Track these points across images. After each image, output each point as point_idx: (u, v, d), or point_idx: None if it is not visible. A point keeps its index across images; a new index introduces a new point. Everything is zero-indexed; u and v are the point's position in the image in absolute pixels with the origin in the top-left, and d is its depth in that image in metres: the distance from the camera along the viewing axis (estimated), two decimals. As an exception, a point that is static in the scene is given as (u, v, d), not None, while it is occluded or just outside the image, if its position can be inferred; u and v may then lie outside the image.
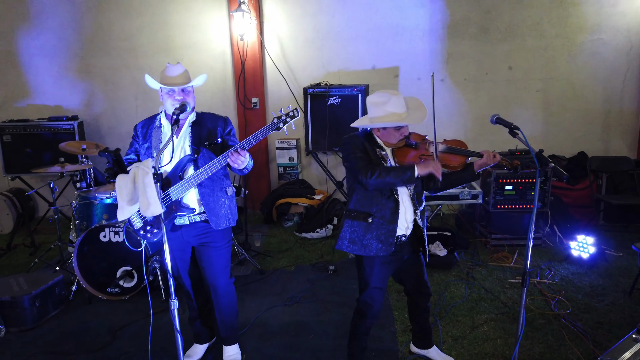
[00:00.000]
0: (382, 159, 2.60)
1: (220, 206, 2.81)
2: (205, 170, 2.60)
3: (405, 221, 2.64)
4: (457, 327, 3.44)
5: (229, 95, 6.11)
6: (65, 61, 6.08)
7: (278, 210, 5.79)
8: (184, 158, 2.70)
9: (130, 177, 2.01)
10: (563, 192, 5.44)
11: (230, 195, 2.89)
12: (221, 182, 2.84)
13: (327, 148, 5.67)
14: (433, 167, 2.47)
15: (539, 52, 5.82)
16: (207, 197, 2.76)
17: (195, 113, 2.85)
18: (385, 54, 5.95)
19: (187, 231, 2.83)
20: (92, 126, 6.17)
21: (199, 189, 2.74)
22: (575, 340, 3.20)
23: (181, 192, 2.66)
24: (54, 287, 3.89)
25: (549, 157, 5.89)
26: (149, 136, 2.81)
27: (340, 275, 4.37)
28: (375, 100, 2.58)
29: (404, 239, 2.67)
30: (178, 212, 2.70)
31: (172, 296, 2.07)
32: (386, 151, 2.64)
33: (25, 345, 3.43)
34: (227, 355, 3.11)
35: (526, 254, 2.23)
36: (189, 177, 2.64)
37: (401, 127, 2.58)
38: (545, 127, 6.01)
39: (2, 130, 5.71)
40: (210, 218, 2.76)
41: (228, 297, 2.98)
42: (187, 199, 2.74)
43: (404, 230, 2.65)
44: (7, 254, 5.20)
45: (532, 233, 2.22)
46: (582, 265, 4.30)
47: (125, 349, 3.33)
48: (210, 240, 2.84)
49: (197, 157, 2.71)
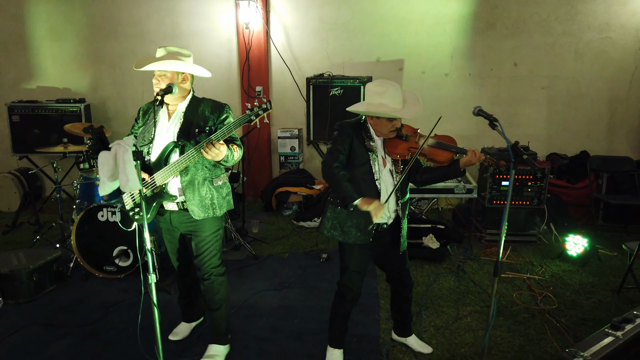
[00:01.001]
0: (369, 150, 2.62)
1: (203, 197, 2.73)
2: (185, 159, 2.57)
3: (388, 210, 2.67)
4: (441, 317, 3.47)
5: (233, 84, 6.18)
6: (74, 45, 6.20)
7: (277, 198, 5.86)
8: (168, 144, 2.65)
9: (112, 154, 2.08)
10: (563, 190, 5.41)
11: (219, 185, 2.81)
12: (207, 171, 2.75)
13: (328, 138, 5.70)
14: (374, 209, 2.43)
15: (546, 49, 5.77)
16: (188, 186, 2.69)
17: (193, 98, 2.78)
18: (390, 47, 5.95)
19: (175, 217, 2.81)
20: (99, 109, 6.28)
21: (181, 177, 2.68)
22: (557, 335, 3.21)
23: (164, 178, 2.64)
24: (51, 262, 4.01)
25: (550, 155, 5.87)
26: (146, 119, 2.81)
27: (331, 263, 4.43)
28: (374, 88, 2.61)
29: (385, 227, 2.71)
30: (162, 199, 2.70)
31: (150, 271, 2.14)
32: (376, 142, 2.67)
33: (21, 316, 3.55)
34: (207, 352, 2.98)
35: (498, 245, 2.26)
36: (171, 164, 2.61)
37: (394, 119, 2.60)
38: (549, 125, 5.97)
39: (11, 110, 5.85)
40: (190, 207, 2.71)
41: (215, 290, 2.88)
42: (170, 186, 2.71)
43: (385, 219, 2.69)
44: (12, 231, 5.35)
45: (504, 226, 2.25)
46: (574, 264, 4.29)
47: (115, 325, 3.43)
48: (194, 230, 2.80)
49: (182, 144, 2.64)
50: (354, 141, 2.61)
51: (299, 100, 6.02)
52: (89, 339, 3.25)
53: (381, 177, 2.65)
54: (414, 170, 2.76)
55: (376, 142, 2.67)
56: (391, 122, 2.60)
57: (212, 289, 2.87)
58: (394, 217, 2.74)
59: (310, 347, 3.13)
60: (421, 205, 5.54)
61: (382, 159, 2.67)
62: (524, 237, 4.84)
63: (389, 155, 2.67)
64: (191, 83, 2.78)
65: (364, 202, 2.46)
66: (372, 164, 2.62)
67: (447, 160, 2.62)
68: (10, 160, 6.35)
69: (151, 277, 2.14)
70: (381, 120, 2.60)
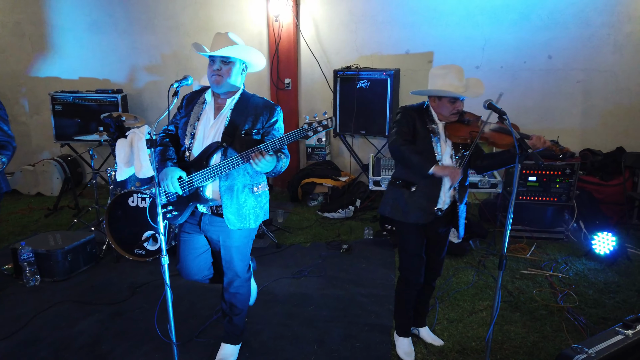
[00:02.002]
0: (432, 132, 2.68)
1: (241, 205, 2.57)
2: (229, 164, 2.39)
3: (444, 195, 2.70)
4: (456, 310, 3.47)
5: (263, 76, 6.28)
6: (113, 37, 6.46)
7: (303, 189, 5.94)
8: (212, 144, 2.47)
9: (128, 141, 2.19)
10: (595, 187, 5.24)
11: (259, 194, 2.65)
12: (249, 178, 2.58)
13: (354, 131, 5.74)
14: (450, 172, 2.55)
15: (582, 41, 5.57)
16: (226, 191, 2.53)
17: (243, 94, 2.57)
18: (419, 39, 5.90)
19: (206, 220, 2.65)
20: (135, 100, 6.54)
21: (220, 182, 2.51)
22: (573, 333, 3.16)
23: (203, 180, 2.48)
24: (85, 244, 4.25)
25: (584, 150, 5.68)
26: (190, 110, 2.61)
27: (352, 254, 4.48)
28: (437, 71, 2.70)
29: (440, 213, 2.71)
30: (197, 202, 2.56)
31: (164, 253, 2.25)
32: (438, 125, 2.71)
33: (56, 293, 3.79)
34: (221, 353, 2.92)
35: (504, 239, 2.26)
36: (212, 166, 2.44)
37: (456, 101, 2.63)
38: (584, 120, 5.77)
39: (54, 100, 6.18)
40: (227, 216, 2.54)
41: (240, 297, 2.80)
42: (208, 190, 2.54)
43: (441, 204, 2.71)
44: (53, 214, 5.67)
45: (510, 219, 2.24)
46: (601, 262, 4.17)
47: (140, 304, 3.61)
48: (226, 238, 2.64)
49: (226, 146, 2.46)
50: (417, 123, 2.69)
51: (326, 93, 6.07)
52: (115, 317, 3.44)
53: (442, 160, 2.68)
54: (475, 156, 2.75)
55: (438, 126, 2.71)
56: (453, 104, 2.64)
57: (238, 293, 2.78)
58: (450, 203, 2.75)
59: (322, 334, 3.20)
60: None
61: (444, 143, 2.71)
62: (550, 234, 4.73)
63: (450, 139, 2.69)
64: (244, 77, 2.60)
65: (438, 169, 2.54)
66: (434, 146, 2.67)
67: (509, 144, 2.53)
68: (53, 147, 6.72)
69: (164, 258, 2.25)
70: (443, 102, 2.65)
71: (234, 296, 2.79)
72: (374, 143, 6.11)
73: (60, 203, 5.86)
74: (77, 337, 3.19)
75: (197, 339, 3.15)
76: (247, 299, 2.88)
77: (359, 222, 5.36)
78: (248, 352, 3.01)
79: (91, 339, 3.17)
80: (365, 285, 3.85)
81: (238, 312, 2.85)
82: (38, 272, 3.96)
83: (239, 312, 2.85)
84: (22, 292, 3.81)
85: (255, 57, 2.56)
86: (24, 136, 6.81)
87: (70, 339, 3.17)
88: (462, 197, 2.78)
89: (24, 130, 6.81)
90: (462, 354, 2.97)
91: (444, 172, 2.56)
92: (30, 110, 6.86)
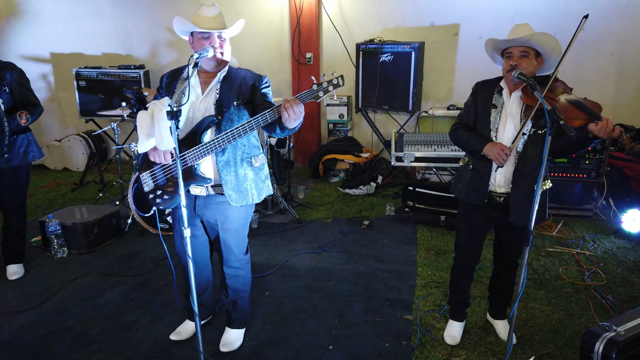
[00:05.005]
0: (493, 106, 2.50)
1: (241, 180, 2.47)
2: (233, 132, 2.25)
3: (503, 177, 2.50)
4: (479, 287, 3.42)
5: (284, 50, 6.21)
6: (135, 12, 6.45)
7: (324, 165, 5.91)
8: (206, 119, 2.36)
9: (149, 113, 2.17)
10: (627, 164, 5.05)
11: (257, 167, 2.55)
12: (247, 150, 2.49)
13: (376, 106, 5.64)
14: (495, 153, 2.38)
15: (618, 11, 5.31)
16: (226, 166, 2.42)
17: (229, 67, 2.50)
18: (445, 10, 5.72)
19: (201, 203, 2.54)
20: (157, 75, 6.53)
21: (218, 157, 2.40)
22: (600, 312, 3.08)
23: (198, 157, 2.34)
24: (110, 217, 4.32)
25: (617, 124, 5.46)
26: (173, 89, 2.49)
27: (373, 230, 4.45)
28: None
29: (499, 199, 2.53)
30: (193, 181, 2.40)
31: (185, 225, 2.24)
32: (504, 97, 2.49)
33: (82, 265, 3.88)
34: (226, 338, 2.83)
35: (531, 215, 2.18)
36: (210, 141, 2.30)
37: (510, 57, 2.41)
38: (617, 94, 5.54)
39: (78, 76, 6.24)
40: (227, 192, 2.44)
41: (240, 279, 2.74)
42: (204, 167, 2.41)
43: (499, 188, 2.53)
44: (79, 189, 5.78)
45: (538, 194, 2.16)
46: (631, 240, 4.05)
47: (163, 277, 3.67)
48: (224, 220, 2.54)
49: (221, 119, 2.37)
50: (479, 97, 2.58)
51: (349, 67, 5.96)
52: (139, 288, 3.51)
53: (499, 136, 2.48)
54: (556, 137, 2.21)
55: (503, 98, 2.50)
56: (510, 59, 2.43)
57: (238, 275, 2.72)
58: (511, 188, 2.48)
59: (342, 307, 3.20)
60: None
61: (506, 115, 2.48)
62: (578, 211, 4.60)
63: (525, 101, 2.40)
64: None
65: (487, 148, 2.43)
66: (490, 118, 2.50)
67: (578, 121, 2.18)
68: (78, 123, 6.81)
69: (186, 230, 2.25)
70: (504, 61, 2.46)
71: (235, 279, 2.73)
72: (397, 119, 6.01)
73: (85, 178, 5.96)
74: (103, 307, 3.26)
75: (219, 311, 3.19)
76: (249, 280, 2.81)
77: (380, 199, 5.32)
78: (270, 325, 3.04)
79: (117, 309, 3.24)
80: (386, 261, 3.82)
81: (242, 295, 2.79)
82: (65, 245, 4.05)
83: (242, 294, 2.79)
84: (50, 263, 3.91)
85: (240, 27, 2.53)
86: (51, 112, 6.92)
87: (96, 309, 3.24)
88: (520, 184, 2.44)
89: (50, 106, 6.91)
90: (484, 330, 2.94)
91: (492, 152, 2.38)
92: (56, 87, 6.95)
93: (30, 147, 3.55)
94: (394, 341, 2.84)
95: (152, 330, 3.01)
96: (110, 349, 2.83)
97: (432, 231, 4.39)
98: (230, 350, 2.79)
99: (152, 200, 2.53)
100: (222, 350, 2.79)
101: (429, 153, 4.89)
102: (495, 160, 2.41)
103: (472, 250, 2.75)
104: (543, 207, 2.55)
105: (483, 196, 2.55)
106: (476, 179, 2.57)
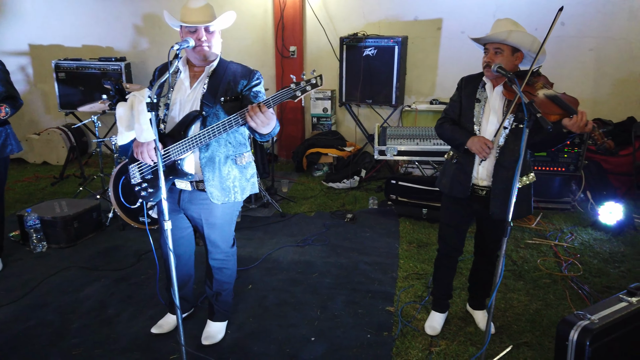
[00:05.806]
0: (477, 100, 2.54)
1: (224, 177, 2.44)
2: (214, 130, 2.21)
3: (486, 171, 2.54)
4: (459, 279, 3.46)
5: (268, 44, 6.18)
6: (117, 4, 6.35)
7: (308, 159, 5.91)
8: (190, 113, 2.33)
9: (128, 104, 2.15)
10: (604, 157, 5.16)
11: (243, 165, 2.51)
12: (231, 148, 2.46)
13: (360, 100, 5.66)
14: (478, 147, 2.42)
15: (596, 7, 5.39)
16: (207, 163, 2.39)
17: (220, 60, 2.45)
18: (428, 5, 5.74)
19: (186, 198, 2.52)
20: (139, 67, 6.47)
21: (201, 153, 2.37)
22: (577, 301, 3.16)
23: (181, 152, 2.31)
24: (91, 211, 4.27)
25: (594, 120, 5.55)
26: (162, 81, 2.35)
27: (356, 223, 4.47)
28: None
29: (481, 192, 2.57)
30: (176, 176, 2.40)
31: (166, 217, 2.23)
32: (487, 92, 2.52)
33: (62, 259, 3.83)
34: (208, 330, 2.83)
35: (509, 207, 2.21)
36: (192, 136, 2.27)
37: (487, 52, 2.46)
38: (596, 89, 5.64)
39: (57, 68, 6.13)
40: (209, 189, 2.41)
41: (227, 271, 2.73)
42: (187, 163, 2.39)
43: (476, 179, 2.57)
44: (59, 183, 5.70)
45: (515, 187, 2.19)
46: (607, 232, 4.14)
47: (145, 271, 3.64)
48: (208, 216, 2.52)
49: (205, 115, 2.34)
50: (464, 92, 2.61)
51: (333, 61, 5.96)
52: (121, 282, 3.48)
53: (482, 130, 2.51)
54: (534, 131, 2.32)
55: (487, 92, 2.53)
56: (486, 55, 2.48)
57: (224, 267, 2.71)
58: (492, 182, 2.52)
59: (325, 300, 3.22)
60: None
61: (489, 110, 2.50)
62: (557, 204, 4.69)
63: (506, 95, 2.42)
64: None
65: (470, 142, 2.46)
66: (474, 112, 2.53)
67: (554, 116, 2.22)
68: (59, 116, 6.70)
69: (167, 223, 2.24)
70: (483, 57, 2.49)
71: (221, 272, 2.72)
72: (380, 113, 6.04)
73: (65, 172, 5.88)
74: (84, 302, 3.23)
75: (201, 305, 3.18)
76: (234, 273, 2.80)
77: (363, 192, 5.34)
78: (252, 318, 3.04)
79: (97, 304, 3.21)
80: (368, 254, 3.85)
81: (226, 287, 2.79)
82: (44, 239, 3.99)
83: (226, 287, 2.79)
84: (29, 258, 3.86)
85: (231, 19, 2.46)
86: (30, 104, 6.79)
87: (76, 303, 3.21)
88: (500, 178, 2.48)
89: (29, 99, 6.78)
90: (463, 321, 2.99)
91: (474, 147, 2.43)
92: (35, 79, 6.82)
93: (8, 140, 3.49)
94: (375, 332, 2.87)
95: (133, 324, 2.99)
96: (91, 343, 2.81)
97: (414, 224, 4.43)
98: (212, 343, 2.79)
99: (138, 193, 2.54)
100: (204, 343, 2.78)
101: (412, 147, 4.92)
102: (478, 153, 2.46)
103: (455, 242, 2.80)
104: (528, 201, 2.63)
105: (466, 189, 2.59)
106: (460, 172, 2.61)
